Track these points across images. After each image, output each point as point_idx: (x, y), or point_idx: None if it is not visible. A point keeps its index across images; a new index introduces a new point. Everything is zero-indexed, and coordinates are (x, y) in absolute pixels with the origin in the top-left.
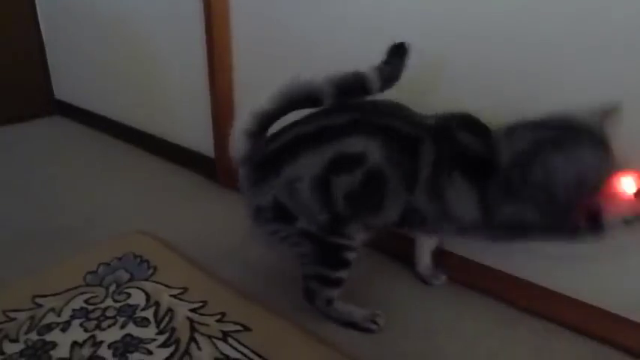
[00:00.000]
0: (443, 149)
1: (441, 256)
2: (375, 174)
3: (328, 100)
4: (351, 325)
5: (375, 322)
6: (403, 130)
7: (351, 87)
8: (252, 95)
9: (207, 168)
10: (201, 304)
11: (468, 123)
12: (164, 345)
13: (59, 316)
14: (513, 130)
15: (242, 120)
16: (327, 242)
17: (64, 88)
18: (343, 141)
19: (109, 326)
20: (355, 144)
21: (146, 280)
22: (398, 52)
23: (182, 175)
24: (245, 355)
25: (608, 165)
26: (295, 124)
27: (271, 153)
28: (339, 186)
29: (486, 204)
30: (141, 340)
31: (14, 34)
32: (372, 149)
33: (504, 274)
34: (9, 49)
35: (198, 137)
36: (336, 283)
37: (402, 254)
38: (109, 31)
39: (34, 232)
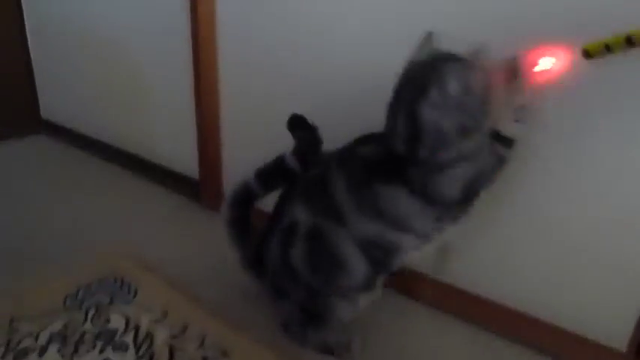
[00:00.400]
0: (349, 170)
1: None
2: (313, 233)
3: (261, 193)
4: (328, 351)
5: (349, 348)
6: (311, 176)
7: (274, 175)
8: (238, 118)
9: (191, 189)
10: (181, 328)
11: (363, 137)
12: None
13: (36, 340)
14: (392, 113)
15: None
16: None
17: (50, 108)
18: (281, 219)
19: (87, 351)
20: (287, 216)
21: (127, 303)
22: (297, 125)
23: (166, 196)
24: None
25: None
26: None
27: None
28: (296, 262)
29: (421, 190)
30: None
31: (2, 52)
32: (298, 213)
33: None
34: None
35: (183, 159)
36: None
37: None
38: (98, 51)
39: (14, 253)
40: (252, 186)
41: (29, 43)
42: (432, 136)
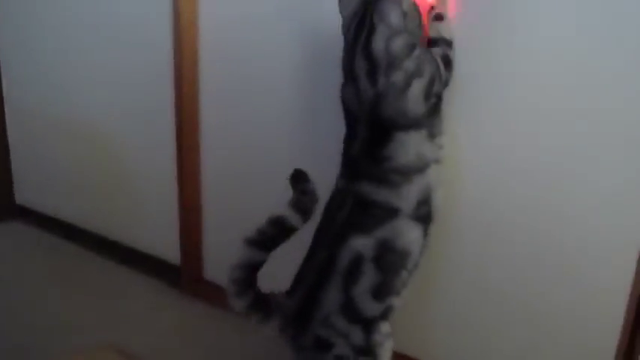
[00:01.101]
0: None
1: None
2: (380, 250)
3: (264, 259)
4: None
5: None
6: (342, 211)
7: (273, 234)
8: (219, 204)
9: (171, 276)
10: None
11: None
12: None
13: None
14: (350, 59)
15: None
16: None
17: (26, 193)
18: (335, 264)
19: None
20: (344, 256)
21: None
22: (300, 179)
23: (145, 282)
24: None
25: None
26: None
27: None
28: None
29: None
30: None
31: None
32: (357, 245)
33: None
34: None
35: (164, 244)
36: None
37: None
38: (77, 137)
39: None
40: (254, 258)
41: (7, 127)
42: (385, 60)
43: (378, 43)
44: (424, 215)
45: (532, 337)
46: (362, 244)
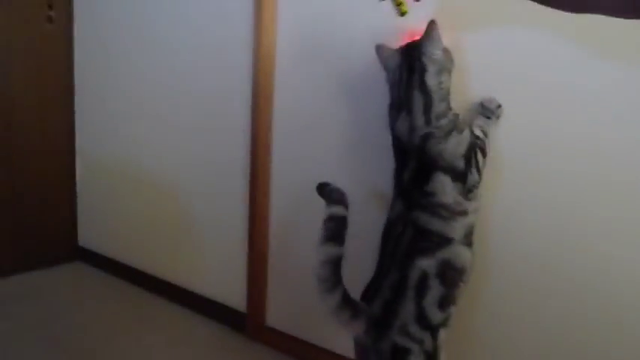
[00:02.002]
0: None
1: None
2: (443, 267)
3: (339, 251)
4: None
5: None
6: (405, 232)
7: (334, 227)
8: (284, 252)
9: (236, 320)
10: None
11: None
12: None
13: None
14: (406, 95)
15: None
16: None
17: (88, 235)
18: (406, 280)
19: None
20: (413, 274)
21: None
22: (323, 187)
23: (210, 327)
24: None
25: None
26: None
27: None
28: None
29: (441, 162)
30: None
31: (49, 183)
32: (422, 265)
33: None
34: (43, 194)
35: (230, 291)
36: None
37: None
38: (146, 184)
39: None
40: (331, 252)
41: (76, 173)
42: (438, 95)
43: (432, 80)
44: (470, 242)
45: None
46: (427, 264)
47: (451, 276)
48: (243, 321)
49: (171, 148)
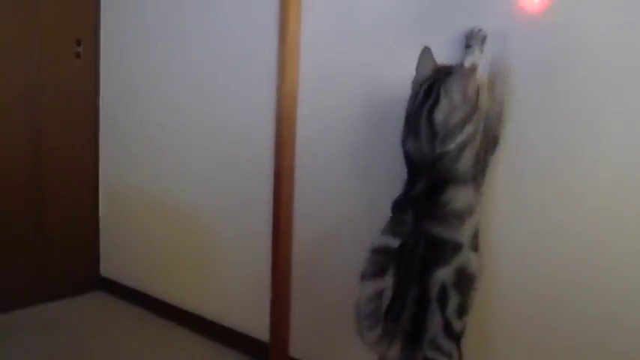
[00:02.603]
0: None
1: None
2: (459, 275)
3: (383, 284)
4: None
5: None
6: (417, 248)
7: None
8: (307, 285)
9: (259, 351)
10: None
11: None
12: None
13: None
14: (415, 120)
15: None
16: None
17: (110, 266)
18: (429, 294)
19: None
20: (433, 287)
21: None
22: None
23: (232, 357)
24: None
25: None
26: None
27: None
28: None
29: (456, 175)
30: None
31: (73, 214)
32: (441, 277)
33: None
34: (67, 225)
35: (253, 322)
36: None
37: None
38: (169, 215)
39: None
40: (377, 287)
41: (100, 206)
42: (444, 131)
43: (439, 115)
44: (476, 245)
45: None
46: (444, 274)
47: (466, 283)
48: (266, 351)
49: (194, 179)
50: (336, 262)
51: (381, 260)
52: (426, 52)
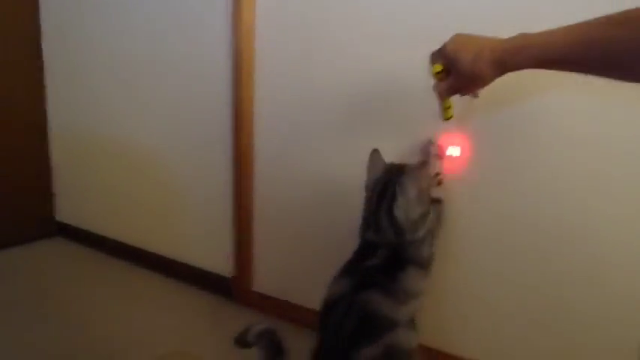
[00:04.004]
0: (374, 284)
1: None
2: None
3: None
4: None
5: None
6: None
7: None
8: (269, 219)
9: (223, 287)
10: None
11: (353, 259)
12: None
13: None
14: (376, 222)
15: None
16: None
17: (66, 211)
18: None
19: None
20: None
21: None
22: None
23: (196, 294)
24: None
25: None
26: None
27: None
28: None
29: (418, 261)
30: None
31: (22, 157)
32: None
33: None
34: (17, 171)
35: (216, 258)
36: None
37: None
38: (124, 156)
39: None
40: None
41: (51, 150)
42: (408, 224)
43: (400, 212)
44: (413, 325)
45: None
46: (372, 352)
47: (399, 357)
48: (230, 287)
49: (148, 118)
50: (299, 198)
51: (266, 345)
52: (374, 154)
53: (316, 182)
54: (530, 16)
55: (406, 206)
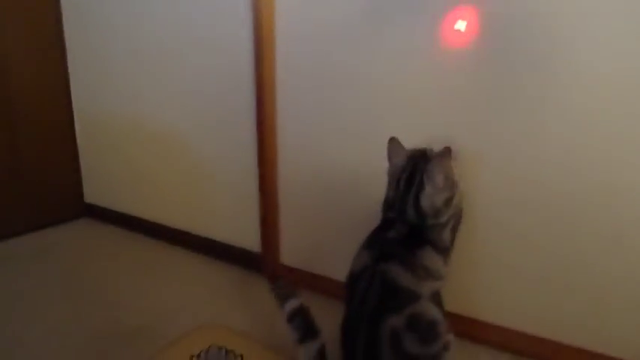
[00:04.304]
0: (393, 255)
1: None
2: (411, 321)
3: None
4: None
5: None
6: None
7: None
8: (294, 196)
9: (252, 261)
10: None
11: (376, 230)
12: None
13: None
14: (401, 206)
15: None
16: None
17: (94, 192)
18: (380, 343)
19: None
20: (383, 334)
21: None
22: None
23: (226, 268)
24: None
25: None
26: None
27: None
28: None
29: (436, 244)
30: None
31: (50, 142)
32: (392, 323)
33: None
34: (45, 154)
35: (244, 233)
36: None
37: None
38: (149, 136)
39: (112, 334)
40: (318, 346)
41: (77, 132)
42: (432, 212)
43: (425, 201)
44: (438, 302)
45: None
46: (396, 321)
47: (423, 328)
48: (259, 261)
49: (171, 98)
50: (322, 170)
51: (298, 324)
52: (393, 142)
53: (339, 157)
54: None
55: (433, 194)
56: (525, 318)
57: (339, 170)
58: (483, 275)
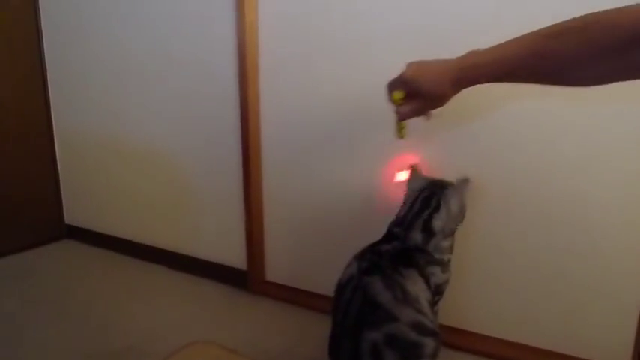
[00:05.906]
0: (378, 268)
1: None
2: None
3: None
4: None
5: None
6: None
7: None
8: (279, 213)
9: (237, 278)
10: None
11: (376, 243)
12: None
13: None
14: (410, 224)
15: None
16: None
17: (75, 213)
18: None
19: None
20: (365, 347)
21: None
22: None
23: (212, 286)
24: None
25: None
26: None
27: None
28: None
29: (424, 276)
30: None
31: (30, 164)
32: (369, 339)
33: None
34: (24, 175)
35: (230, 252)
36: None
37: None
38: (132, 156)
39: (100, 355)
40: None
41: (57, 152)
42: (442, 234)
43: (438, 223)
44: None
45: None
46: (375, 336)
47: (403, 346)
48: (245, 278)
49: (155, 118)
50: (307, 190)
51: None
52: (414, 172)
53: (323, 176)
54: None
55: (445, 219)
56: (506, 325)
57: (323, 188)
58: (465, 285)
